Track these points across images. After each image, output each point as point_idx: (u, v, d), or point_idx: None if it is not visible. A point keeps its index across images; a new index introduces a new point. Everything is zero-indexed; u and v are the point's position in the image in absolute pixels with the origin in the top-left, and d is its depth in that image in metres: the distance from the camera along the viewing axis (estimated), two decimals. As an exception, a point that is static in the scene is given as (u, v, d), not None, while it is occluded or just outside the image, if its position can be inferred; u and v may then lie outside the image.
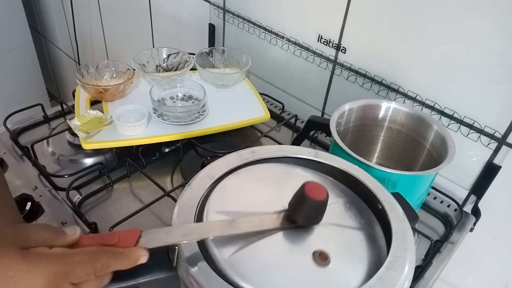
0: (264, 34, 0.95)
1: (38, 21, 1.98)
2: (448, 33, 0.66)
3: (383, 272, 0.39)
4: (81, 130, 0.72)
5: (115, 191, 0.72)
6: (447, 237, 0.69)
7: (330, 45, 0.83)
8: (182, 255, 0.39)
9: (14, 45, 1.73)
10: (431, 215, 0.75)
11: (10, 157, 0.75)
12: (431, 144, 0.69)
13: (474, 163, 0.72)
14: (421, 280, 0.62)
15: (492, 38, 0.62)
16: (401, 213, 0.45)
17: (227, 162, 0.50)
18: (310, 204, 0.40)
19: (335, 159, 0.52)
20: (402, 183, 0.61)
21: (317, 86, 0.90)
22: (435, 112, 0.73)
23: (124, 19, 1.40)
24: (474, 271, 0.83)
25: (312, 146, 0.88)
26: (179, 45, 1.20)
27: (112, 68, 0.86)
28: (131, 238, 0.38)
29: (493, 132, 0.68)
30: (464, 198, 0.76)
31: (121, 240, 0.38)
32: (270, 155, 0.52)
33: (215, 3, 1.02)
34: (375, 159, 0.79)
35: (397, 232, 0.43)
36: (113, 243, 0.38)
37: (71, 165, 0.75)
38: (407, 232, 0.43)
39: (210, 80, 0.89)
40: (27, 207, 0.64)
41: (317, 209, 0.41)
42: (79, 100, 0.82)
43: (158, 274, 0.40)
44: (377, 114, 0.73)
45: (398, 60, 0.74)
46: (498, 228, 0.76)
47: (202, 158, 0.77)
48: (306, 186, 0.40)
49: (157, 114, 0.78)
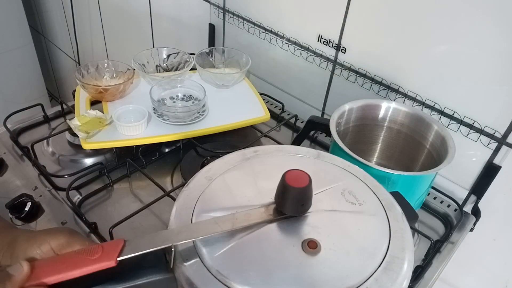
0: (264, 34, 0.95)
1: (38, 21, 1.98)
2: (448, 33, 0.66)
3: (381, 273, 0.38)
4: (81, 130, 0.72)
5: (115, 191, 0.72)
6: (447, 237, 0.69)
7: (330, 45, 0.83)
8: (178, 257, 0.39)
9: (14, 45, 1.73)
10: (431, 215, 0.75)
11: (10, 157, 0.76)
12: (431, 144, 0.69)
13: (474, 163, 0.72)
14: (421, 280, 0.62)
15: (492, 38, 0.62)
16: (400, 212, 0.45)
17: (226, 162, 0.50)
18: (293, 193, 0.39)
19: (335, 158, 0.52)
20: (402, 183, 0.61)
21: (317, 86, 0.90)
22: (435, 112, 0.73)
23: (124, 19, 1.40)
24: (474, 271, 0.83)
25: (312, 146, 0.88)
26: (179, 45, 1.20)
27: (112, 68, 0.86)
28: (114, 249, 0.38)
29: (493, 132, 0.68)
30: (464, 198, 0.76)
31: (104, 252, 0.38)
32: (270, 155, 0.52)
33: (215, 3, 1.02)
34: (375, 159, 0.79)
35: (395, 232, 0.42)
36: (95, 256, 0.38)
37: (71, 165, 0.75)
38: (405, 232, 0.42)
39: (210, 80, 0.89)
40: (27, 207, 0.64)
41: (301, 197, 0.40)
42: (79, 100, 0.82)
43: (155, 276, 0.40)
44: (377, 114, 0.73)
45: (398, 60, 0.74)
46: (498, 228, 0.76)
47: (202, 158, 0.77)
48: (286, 175, 0.39)
49: (157, 114, 0.78)
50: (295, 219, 0.42)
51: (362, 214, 0.44)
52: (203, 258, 0.39)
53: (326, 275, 0.38)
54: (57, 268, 0.38)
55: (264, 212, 0.42)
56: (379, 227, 0.43)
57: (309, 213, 0.42)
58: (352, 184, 0.47)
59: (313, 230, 0.41)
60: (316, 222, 0.42)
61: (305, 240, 0.40)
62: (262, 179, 0.48)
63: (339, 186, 0.47)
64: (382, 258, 0.39)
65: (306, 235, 0.40)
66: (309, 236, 0.40)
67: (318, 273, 0.38)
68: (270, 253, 0.39)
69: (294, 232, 0.41)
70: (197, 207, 0.44)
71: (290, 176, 0.39)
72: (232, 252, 0.39)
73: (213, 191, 0.46)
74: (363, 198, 0.45)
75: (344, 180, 0.48)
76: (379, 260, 0.39)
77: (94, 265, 0.38)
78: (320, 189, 0.45)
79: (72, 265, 0.38)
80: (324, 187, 0.46)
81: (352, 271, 0.38)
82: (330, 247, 0.40)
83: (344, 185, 0.47)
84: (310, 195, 0.41)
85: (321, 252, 0.39)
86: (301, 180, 0.39)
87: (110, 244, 0.39)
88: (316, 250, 0.39)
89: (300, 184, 0.39)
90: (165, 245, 0.38)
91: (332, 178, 0.48)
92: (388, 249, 0.40)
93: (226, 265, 0.38)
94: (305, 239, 0.40)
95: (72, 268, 0.38)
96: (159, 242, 0.38)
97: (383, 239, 0.41)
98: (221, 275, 0.37)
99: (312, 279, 0.37)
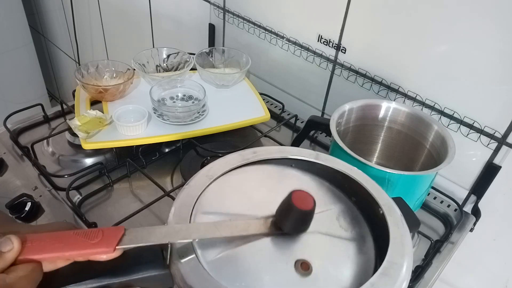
0: (264, 34, 0.95)
1: (38, 21, 1.98)
2: (448, 33, 0.66)
3: (377, 278, 0.38)
4: (81, 130, 0.72)
5: (115, 191, 0.72)
6: (447, 237, 0.69)
7: (330, 45, 0.83)
8: (175, 254, 0.39)
9: (14, 45, 1.73)
10: (431, 215, 0.75)
11: (10, 157, 0.76)
12: (431, 144, 0.69)
13: (474, 163, 0.72)
14: (421, 280, 0.62)
15: (492, 38, 0.62)
16: (400, 217, 0.44)
17: (226, 162, 0.50)
18: (296, 213, 0.40)
19: (336, 161, 0.52)
20: (402, 183, 0.61)
21: (317, 86, 0.90)
22: (435, 112, 0.73)
23: (124, 19, 1.40)
24: (474, 271, 0.83)
25: (312, 146, 0.88)
26: (179, 45, 1.20)
27: (112, 68, 0.86)
28: (114, 237, 0.38)
29: (493, 132, 0.68)
30: (464, 198, 0.76)
31: (104, 237, 0.38)
32: (271, 156, 0.52)
33: (215, 3, 1.02)
34: (375, 159, 0.79)
35: (395, 238, 0.42)
36: (95, 241, 0.37)
37: (71, 165, 0.75)
38: (405, 238, 0.42)
39: (210, 80, 0.89)
40: (27, 207, 0.64)
41: (303, 218, 0.41)
42: (79, 100, 0.82)
43: (151, 272, 0.40)
44: (377, 114, 0.73)
45: (398, 60, 0.74)
46: (498, 228, 0.76)
47: (202, 158, 0.77)
48: (293, 195, 0.40)
49: (157, 114, 0.78)
50: (290, 237, 0.42)
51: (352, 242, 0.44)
52: (199, 258, 0.39)
53: None
54: (52, 246, 0.37)
55: (263, 225, 0.42)
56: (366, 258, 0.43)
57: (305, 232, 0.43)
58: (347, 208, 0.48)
59: (307, 251, 0.41)
60: (310, 243, 0.42)
61: (298, 260, 0.40)
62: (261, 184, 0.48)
63: (336, 209, 0.47)
64: None
65: (300, 255, 0.41)
66: (303, 256, 0.40)
67: None
68: (263, 266, 0.40)
69: (288, 250, 0.41)
70: (196, 206, 0.44)
71: (296, 197, 0.39)
72: (228, 259, 0.40)
73: (213, 192, 0.46)
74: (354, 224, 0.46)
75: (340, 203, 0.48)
76: None
77: (92, 249, 0.37)
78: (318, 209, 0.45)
79: (69, 246, 0.37)
80: (322, 208, 0.46)
81: None
82: (321, 271, 0.40)
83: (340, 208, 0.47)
84: (311, 217, 0.41)
85: (311, 274, 0.39)
86: (306, 202, 0.39)
87: (111, 230, 0.39)
88: (308, 272, 0.39)
89: (305, 206, 0.39)
90: (163, 241, 0.38)
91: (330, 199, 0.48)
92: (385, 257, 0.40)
93: (220, 271, 0.38)
94: (298, 259, 0.40)
95: (68, 249, 0.37)
96: (158, 238, 0.39)
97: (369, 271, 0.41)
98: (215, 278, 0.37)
99: None
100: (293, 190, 0.40)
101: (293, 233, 0.42)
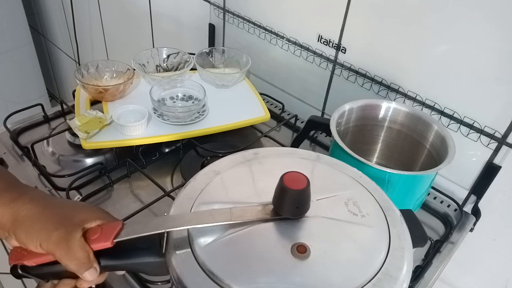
0: (264, 34, 0.95)
1: (38, 21, 1.98)
2: (448, 33, 0.66)
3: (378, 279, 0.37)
4: (81, 130, 0.72)
5: (115, 191, 0.72)
6: (447, 237, 0.69)
7: (330, 45, 0.83)
8: (171, 243, 0.40)
9: (14, 45, 1.73)
10: (431, 215, 0.75)
11: (10, 157, 0.76)
12: (431, 144, 0.69)
13: (474, 163, 0.72)
14: (421, 280, 0.62)
15: (492, 38, 0.62)
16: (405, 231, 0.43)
17: (235, 159, 0.50)
18: (289, 194, 0.39)
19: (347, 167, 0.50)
20: (402, 183, 0.61)
21: (317, 86, 0.90)
22: (435, 112, 0.73)
23: (124, 19, 1.40)
24: (474, 271, 0.83)
25: (312, 146, 0.88)
26: (179, 45, 1.20)
27: (112, 68, 0.86)
28: (112, 231, 0.40)
29: (493, 132, 0.68)
30: (464, 198, 0.76)
31: (103, 233, 0.40)
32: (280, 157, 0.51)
33: (215, 3, 1.02)
34: (375, 159, 0.79)
35: (395, 250, 0.40)
36: (95, 237, 0.40)
37: (71, 165, 0.75)
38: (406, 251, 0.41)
39: (210, 80, 0.89)
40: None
41: (298, 199, 0.40)
42: (79, 100, 0.82)
43: (147, 258, 0.41)
44: (377, 114, 0.73)
45: (398, 60, 0.74)
46: (498, 228, 0.76)
47: (202, 158, 0.77)
48: (284, 176, 0.39)
49: (157, 114, 0.78)
50: (290, 222, 0.41)
51: (361, 226, 0.42)
52: (194, 247, 0.39)
53: (311, 281, 0.37)
54: None
55: (260, 211, 0.42)
56: (377, 242, 0.41)
57: (307, 217, 0.42)
58: (359, 195, 0.46)
59: (306, 235, 0.40)
60: (312, 227, 0.41)
61: (295, 243, 0.39)
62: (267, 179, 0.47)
63: (344, 195, 0.45)
64: (374, 275, 0.38)
65: (298, 238, 0.40)
66: (301, 240, 0.40)
67: (302, 278, 0.37)
68: (258, 252, 0.39)
69: (287, 234, 0.40)
70: (198, 199, 0.44)
71: (288, 178, 0.39)
72: (222, 245, 0.39)
73: (217, 186, 0.46)
74: (367, 211, 0.44)
75: (351, 190, 0.47)
76: (369, 276, 0.38)
77: (91, 245, 0.40)
78: (324, 195, 0.44)
79: None
80: (328, 194, 0.45)
81: (338, 282, 0.37)
82: (320, 254, 0.39)
83: (350, 195, 0.46)
84: (307, 198, 0.40)
85: (309, 257, 0.38)
86: (299, 182, 0.39)
87: (109, 226, 0.41)
88: (305, 255, 0.38)
89: (298, 186, 0.38)
90: (158, 230, 0.40)
91: (339, 186, 0.47)
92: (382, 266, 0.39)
93: (214, 257, 0.39)
94: (295, 242, 0.39)
95: None
96: (154, 228, 0.40)
97: (378, 255, 0.40)
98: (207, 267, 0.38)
99: (295, 283, 0.37)
100: (285, 172, 0.39)
101: (292, 217, 0.41)
